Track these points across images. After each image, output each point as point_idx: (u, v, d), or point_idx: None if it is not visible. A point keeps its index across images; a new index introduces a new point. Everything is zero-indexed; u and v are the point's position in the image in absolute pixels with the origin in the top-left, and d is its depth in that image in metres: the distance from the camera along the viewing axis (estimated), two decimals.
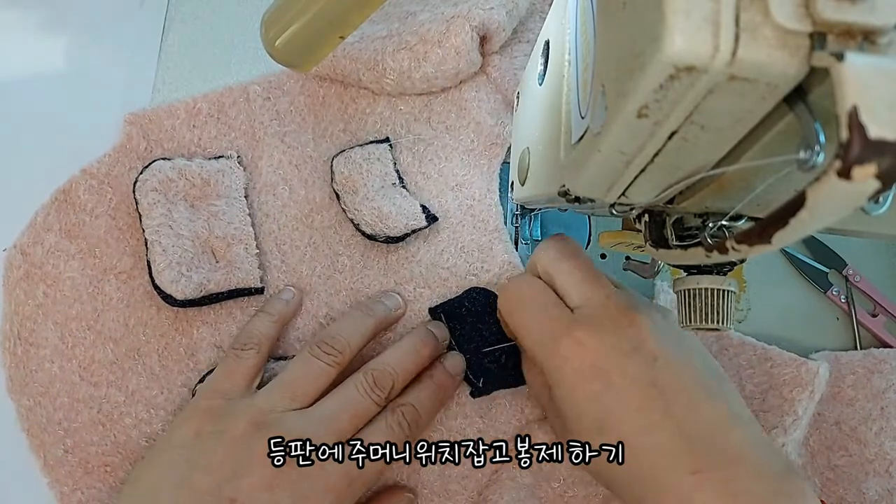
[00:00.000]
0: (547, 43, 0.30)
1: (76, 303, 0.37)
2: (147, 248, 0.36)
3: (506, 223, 0.41)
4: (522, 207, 0.40)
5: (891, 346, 0.40)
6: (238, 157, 0.40)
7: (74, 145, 0.39)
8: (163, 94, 0.42)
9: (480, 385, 0.36)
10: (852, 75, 0.13)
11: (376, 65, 0.40)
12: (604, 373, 0.28)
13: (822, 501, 0.27)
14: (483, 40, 0.41)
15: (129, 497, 0.31)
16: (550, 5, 0.31)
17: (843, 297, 0.41)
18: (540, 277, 0.33)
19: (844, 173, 0.13)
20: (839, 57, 0.13)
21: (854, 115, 0.13)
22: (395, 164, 0.40)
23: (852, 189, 0.13)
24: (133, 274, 0.38)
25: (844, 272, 0.42)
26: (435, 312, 0.38)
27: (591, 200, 0.24)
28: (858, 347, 0.41)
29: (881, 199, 0.20)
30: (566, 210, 0.39)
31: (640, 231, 0.27)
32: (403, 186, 0.40)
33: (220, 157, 0.40)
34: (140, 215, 0.37)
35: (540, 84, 0.30)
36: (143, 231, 0.37)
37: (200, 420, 0.31)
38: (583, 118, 0.21)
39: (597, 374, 0.28)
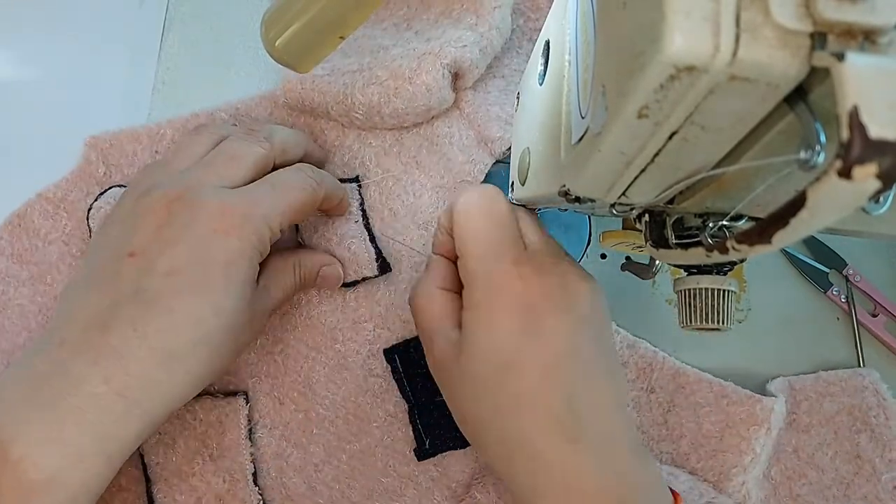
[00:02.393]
0: (547, 43, 0.30)
1: (24, 331, 0.36)
2: None
3: None
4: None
5: (891, 347, 0.40)
6: None
7: (73, 144, 0.39)
8: (163, 94, 0.42)
9: (427, 446, 0.35)
10: (853, 75, 0.13)
11: (345, 98, 0.38)
12: (534, 317, 0.27)
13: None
14: (455, 77, 0.40)
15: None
16: (543, 20, 0.31)
17: (843, 297, 0.41)
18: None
19: (845, 173, 0.13)
20: (840, 57, 0.13)
21: (854, 115, 0.13)
22: (362, 202, 0.39)
23: (853, 189, 0.13)
24: None
25: (844, 272, 0.42)
26: (390, 354, 0.37)
27: (592, 200, 0.24)
28: (858, 348, 0.41)
29: (881, 198, 0.20)
30: (566, 210, 0.39)
31: (641, 231, 0.27)
32: (366, 226, 0.38)
33: None
34: None
35: (540, 84, 0.30)
36: None
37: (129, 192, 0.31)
38: (583, 118, 0.21)
39: (526, 314, 0.27)
